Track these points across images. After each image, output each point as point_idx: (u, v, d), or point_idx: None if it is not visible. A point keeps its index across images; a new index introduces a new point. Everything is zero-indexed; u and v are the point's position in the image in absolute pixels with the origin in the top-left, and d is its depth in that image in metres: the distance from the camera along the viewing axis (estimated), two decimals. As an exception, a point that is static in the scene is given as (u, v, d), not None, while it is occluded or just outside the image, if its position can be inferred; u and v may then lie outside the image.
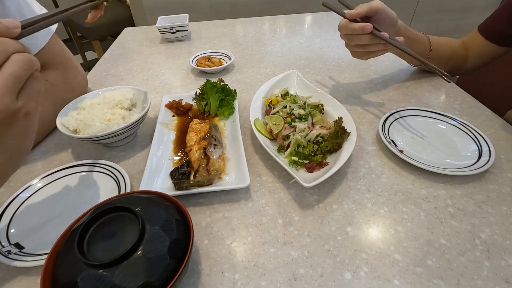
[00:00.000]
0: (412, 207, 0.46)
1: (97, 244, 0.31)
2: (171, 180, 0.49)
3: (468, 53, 0.75)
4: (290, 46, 1.01)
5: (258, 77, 0.84)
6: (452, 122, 0.60)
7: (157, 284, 0.29)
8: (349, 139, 0.53)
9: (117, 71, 0.90)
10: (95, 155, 0.58)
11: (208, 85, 0.65)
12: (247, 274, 0.38)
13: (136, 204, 0.35)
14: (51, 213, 0.46)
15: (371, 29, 0.55)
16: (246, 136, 0.61)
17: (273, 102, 0.64)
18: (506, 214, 0.45)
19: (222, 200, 0.48)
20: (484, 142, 0.54)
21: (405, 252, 0.40)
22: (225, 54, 0.92)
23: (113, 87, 0.65)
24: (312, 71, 0.86)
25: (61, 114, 0.57)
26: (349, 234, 0.43)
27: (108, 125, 0.55)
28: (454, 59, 0.75)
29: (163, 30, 1.04)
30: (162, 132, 0.60)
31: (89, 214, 0.33)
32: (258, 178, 0.52)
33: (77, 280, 0.28)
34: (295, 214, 0.46)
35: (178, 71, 0.89)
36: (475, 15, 2.40)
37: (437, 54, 0.72)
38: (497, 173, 0.51)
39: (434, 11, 2.35)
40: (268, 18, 1.27)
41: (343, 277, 0.38)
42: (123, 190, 0.47)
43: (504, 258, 0.39)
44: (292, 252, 0.41)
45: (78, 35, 2.49)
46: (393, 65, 0.81)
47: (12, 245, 0.40)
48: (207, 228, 0.44)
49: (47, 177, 0.51)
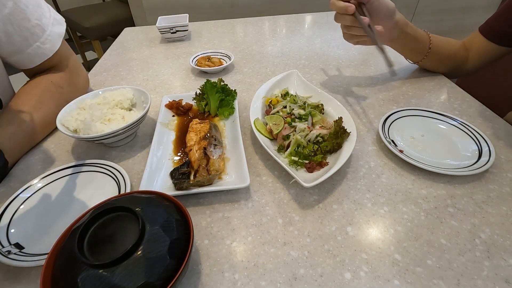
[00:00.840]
0: (412, 207, 0.46)
1: (97, 244, 0.31)
2: (171, 180, 0.49)
3: (468, 54, 0.75)
4: (290, 46, 1.01)
5: (258, 77, 0.84)
6: (452, 122, 0.60)
7: (157, 284, 0.29)
8: (349, 139, 0.53)
9: (117, 71, 0.90)
10: (95, 155, 0.58)
11: (208, 85, 0.65)
12: (247, 274, 0.38)
13: (136, 204, 0.35)
14: (51, 213, 0.46)
15: (353, 10, 0.56)
16: (246, 136, 0.61)
17: (273, 102, 0.64)
18: (506, 214, 0.45)
19: (222, 200, 0.48)
20: (484, 142, 0.54)
21: (405, 252, 0.40)
22: (225, 54, 0.92)
23: (113, 87, 0.65)
24: (312, 71, 0.86)
25: (61, 114, 0.57)
26: (349, 234, 0.43)
27: (108, 125, 0.55)
28: (453, 59, 0.75)
29: (163, 30, 1.04)
30: (162, 132, 0.60)
31: (89, 214, 0.33)
32: (258, 178, 0.52)
33: (77, 280, 0.28)
34: (295, 214, 0.46)
35: (178, 71, 0.89)
36: (475, 15, 2.41)
37: (435, 53, 0.72)
38: (497, 173, 0.51)
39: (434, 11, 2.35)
40: (268, 18, 1.27)
41: (343, 277, 0.38)
42: (123, 190, 0.47)
43: (504, 258, 0.39)
44: (292, 252, 0.41)
45: (78, 35, 2.49)
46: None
47: (12, 245, 0.40)
48: (207, 228, 0.44)
49: (47, 177, 0.50)
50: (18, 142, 0.56)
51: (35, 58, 0.63)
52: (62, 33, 0.67)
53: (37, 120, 0.59)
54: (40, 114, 0.59)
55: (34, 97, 0.60)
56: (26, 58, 0.62)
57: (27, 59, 0.62)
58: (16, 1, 0.56)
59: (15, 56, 0.60)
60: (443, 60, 0.75)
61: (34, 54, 0.62)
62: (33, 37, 0.60)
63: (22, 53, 0.60)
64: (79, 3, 2.52)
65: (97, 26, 2.20)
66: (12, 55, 0.60)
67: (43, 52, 0.63)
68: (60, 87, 0.65)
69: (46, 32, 0.62)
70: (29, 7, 0.58)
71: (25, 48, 0.60)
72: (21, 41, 0.59)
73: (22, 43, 0.59)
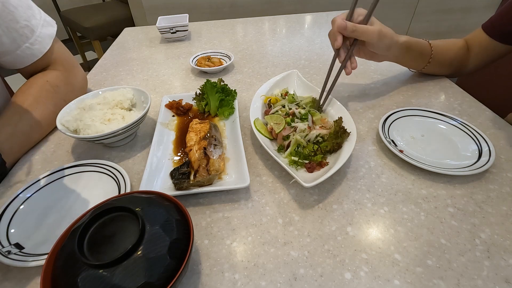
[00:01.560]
0: (412, 207, 0.46)
1: (97, 244, 0.31)
2: (171, 180, 0.49)
3: (469, 53, 0.75)
4: (290, 46, 1.01)
5: (258, 77, 0.84)
6: (452, 122, 0.60)
7: (157, 284, 0.29)
8: (349, 139, 0.53)
9: (117, 71, 0.90)
10: (95, 155, 0.58)
11: (208, 85, 0.65)
12: (247, 274, 0.38)
13: (136, 204, 0.35)
14: (51, 213, 0.46)
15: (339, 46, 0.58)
16: (246, 136, 0.61)
17: (272, 101, 0.64)
18: (506, 214, 0.45)
19: (222, 200, 0.48)
20: (484, 142, 0.54)
21: (405, 252, 0.40)
22: (225, 54, 0.92)
23: (113, 87, 0.65)
24: (312, 71, 0.86)
25: (61, 114, 0.57)
26: (349, 234, 0.43)
27: (108, 125, 0.55)
28: (455, 63, 0.75)
29: (163, 30, 1.04)
30: (162, 132, 0.60)
31: (89, 214, 0.33)
32: (258, 178, 0.52)
33: (77, 280, 0.28)
34: (295, 214, 0.46)
35: (178, 71, 0.89)
36: (475, 15, 2.41)
37: (438, 59, 0.72)
38: (497, 173, 0.51)
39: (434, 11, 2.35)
40: (268, 18, 1.27)
41: (343, 277, 0.38)
42: (123, 190, 0.47)
43: (504, 258, 0.39)
44: (292, 252, 0.41)
45: (78, 35, 2.49)
46: (393, 65, 0.81)
47: (12, 245, 0.40)
48: (207, 228, 0.44)
49: (47, 177, 0.50)
50: (16, 142, 0.56)
51: (24, 59, 0.63)
52: (52, 34, 0.67)
53: (34, 119, 0.59)
54: (37, 114, 0.59)
55: (30, 97, 0.60)
56: (16, 59, 0.62)
57: (17, 60, 0.63)
58: (4, 3, 0.56)
59: (5, 57, 0.61)
60: (446, 64, 0.75)
61: (23, 55, 0.62)
62: (22, 38, 0.61)
63: (11, 54, 0.61)
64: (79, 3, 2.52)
65: (97, 26, 2.19)
66: (1, 56, 0.61)
67: (33, 53, 0.63)
68: (56, 86, 0.65)
69: (36, 33, 0.63)
70: (18, 8, 0.59)
71: (14, 49, 0.61)
72: (10, 43, 0.59)
73: (11, 45, 0.60)
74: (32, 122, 0.58)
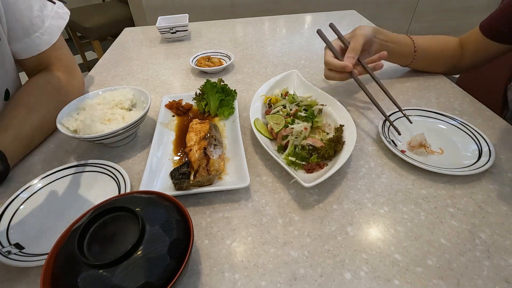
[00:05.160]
0: (412, 207, 0.46)
1: (97, 244, 0.31)
2: (171, 180, 0.49)
3: (464, 51, 0.75)
4: (290, 46, 1.01)
5: (258, 77, 0.84)
6: (452, 122, 0.60)
7: (157, 284, 0.29)
8: (349, 139, 0.53)
9: (117, 71, 0.90)
10: (95, 155, 0.58)
11: (208, 85, 0.65)
12: (247, 274, 0.38)
13: (136, 204, 0.35)
14: (51, 213, 0.46)
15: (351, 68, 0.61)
16: (246, 136, 0.61)
17: (272, 101, 0.64)
18: (506, 214, 0.45)
19: (222, 200, 0.48)
20: (484, 142, 0.54)
21: (405, 252, 0.40)
22: (225, 54, 0.92)
23: (113, 87, 0.65)
24: (312, 71, 0.86)
25: (61, 114, 0.57)
26: (349, 234, 0.43)
27: (108, 125, 0.55)
28: (445, 57, 0.76)
29: (163, 30, 1.04)
30: (162, 132, 0.60)
31: (89, 214, 0.33)
32: (258, 178, 0.52)
33: (77, 280, 0.28)
34: (295, 214, 0.46)
35: (178, 71, 0.89)
36: (475, 15, 2.41)
37: (423, 53, 0.73)
38: (497, 173, 0.51)
39: (434, 11, 2.36)
40: (268, 18, 1.27)
41: (343, 277, 0.38)
42: (123, 190, 0.47)
43: (504, 258, 0.39)
44: (292, 252, 0.41)
45: (78, 35, 2.49)
46: (393, 65, 0.81)
47: (12, 245, 0.40)
48: (207, 228, 0.44)
49: (47, 177, 0.50)
50: (19, 146, 0.55)
51: (32, 48, 0.64)
52: (61, 26, 0.68)
53: (36, 122, 0.58)
54: (39, 116, 0.59)
55: (32, 98, 0.61)
56: (25, 47, 0.63)
57: (25, 49, 0.63)
58: None
59: (15, 44, 0.62)
60: (433, 59, 0.76)
61: (31, 44, 0.63)
62: (34, 27, 0.62)
63: (21, 40, 0.62)
64: (79, 3, 2.52)
65: (97, 26, 2.20)
66: (11, 42, 0.61)
67: (41, 43, 0.65)
68: (59, 88, 0.66)
69: (46, 24, 0.64)
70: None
71: (25, 36, 0.62)
72: (22, 29, 0.60)
73: (22, 31, 0.61)
74: (34, 124, 0.58)
